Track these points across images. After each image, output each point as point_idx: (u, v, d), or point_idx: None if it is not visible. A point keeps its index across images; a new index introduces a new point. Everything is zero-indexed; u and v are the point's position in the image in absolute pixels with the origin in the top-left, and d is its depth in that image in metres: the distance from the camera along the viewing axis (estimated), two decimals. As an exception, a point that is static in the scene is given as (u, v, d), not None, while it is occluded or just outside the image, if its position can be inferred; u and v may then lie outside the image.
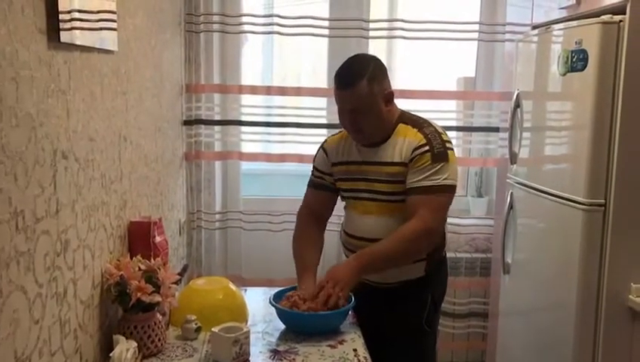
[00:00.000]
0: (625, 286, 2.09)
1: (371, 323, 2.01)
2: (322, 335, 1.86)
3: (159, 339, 1.70)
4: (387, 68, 2.01)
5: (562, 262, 2.26)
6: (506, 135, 2.79)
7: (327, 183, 2.14)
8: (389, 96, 1.96)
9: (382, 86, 1.93)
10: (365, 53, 2.05)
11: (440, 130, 1.96)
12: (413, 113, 2.05)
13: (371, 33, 3.02)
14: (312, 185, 2.18)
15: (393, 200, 1.96)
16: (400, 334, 2.04)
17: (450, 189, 1.92)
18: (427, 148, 1.89)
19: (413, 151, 1.91)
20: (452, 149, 1.94)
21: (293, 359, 1.71)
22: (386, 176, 1.95)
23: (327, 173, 2.12)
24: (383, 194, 1.97)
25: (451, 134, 3.16)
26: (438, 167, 1.88)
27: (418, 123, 1.97)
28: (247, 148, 3.14)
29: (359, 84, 1.88)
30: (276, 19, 2.97)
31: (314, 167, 2.17)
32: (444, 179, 1.88)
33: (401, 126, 1.97)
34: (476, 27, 3.06)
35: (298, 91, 3.06)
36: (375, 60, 1.99)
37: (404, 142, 1.93)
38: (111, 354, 1.48)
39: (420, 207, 1.88)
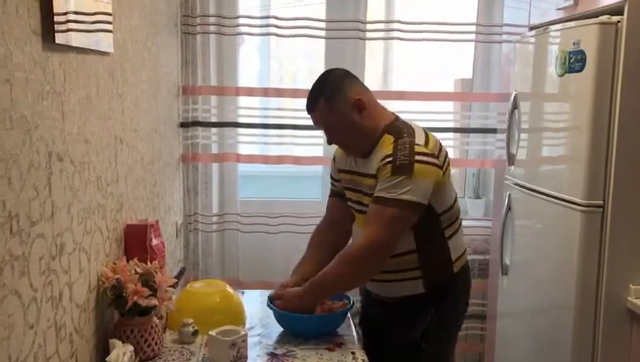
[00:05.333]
0: (623, 288, 2.08)
1: (372, 332, 2.00)
2: (320, 338, 1.86)
3: (156, 343, 1.69)
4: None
5: (561, 263, 2.25)
6: (503, 136, 2.78)
7: (339, 190, 2.10)
8: (358, 104, 1.85)
9: (344, 97, 1.85)
10: (331, 68, 1.97)
11: (419, 142, 1.80)
12: (406, 121, 1.93)
13: (368, 34, 3.01)
14: (330, 193, 2.16)
15: None
16: (394, 348, 1.96)
17: (405, 205, 1.74)
18: (390, 159, 1.77)
19: (379, 162, 1.81)
20: (426, 163, 1.77)
21: (292, 362, 1.71)
22: (367, 188, 1.88)
23: (336, 179, 2.10)
24: (366, 206, 1.89)
25: (448, 135, 3.17)
26: (397, 180, 1.74)
27: (399, 132, 1.85)
28: (244, 150, 3.12)
29: (317, 107, 1.87)
30: (273, 21, 2.96)
31: (330, 174, 2.16)
32: (401, 193, 1.73)
33: (385, 136, 1.86)
34: (473, 28, 3.05)
35: (295, 93, 3.05)
36: (333, 74, 1.91)
37: (380, 154, 1.84)
38: (107, 359, 1.47)
39: (369, 221, 1.80)
